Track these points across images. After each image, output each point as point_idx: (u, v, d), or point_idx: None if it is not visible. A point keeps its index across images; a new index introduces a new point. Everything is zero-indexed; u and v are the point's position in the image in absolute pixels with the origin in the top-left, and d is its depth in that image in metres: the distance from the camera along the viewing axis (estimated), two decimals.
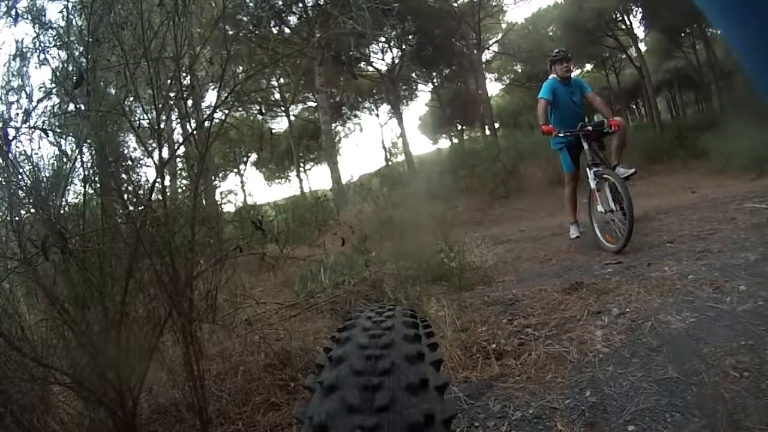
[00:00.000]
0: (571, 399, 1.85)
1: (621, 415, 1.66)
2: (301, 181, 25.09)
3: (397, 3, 2.96)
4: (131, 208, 2.02)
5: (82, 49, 1.98)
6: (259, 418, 2.14)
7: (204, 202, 2.61)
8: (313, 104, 22.20)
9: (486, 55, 24.01)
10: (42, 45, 2.00)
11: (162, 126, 2.02)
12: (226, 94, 2.16)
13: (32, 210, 1.88)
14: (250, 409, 2.19)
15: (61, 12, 2.01)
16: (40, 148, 1.91)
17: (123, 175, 2.07)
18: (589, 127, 4.70)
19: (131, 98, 2.07)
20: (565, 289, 3.16)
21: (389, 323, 0.94)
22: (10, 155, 1.78)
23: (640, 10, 20.37)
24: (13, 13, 1.91)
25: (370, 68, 22.31)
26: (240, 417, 2.15)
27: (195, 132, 2.24)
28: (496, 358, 2.32)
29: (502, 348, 2.42)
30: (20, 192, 1.85)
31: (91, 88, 1.86)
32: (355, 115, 26.67)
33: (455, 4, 20.77)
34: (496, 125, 24.33)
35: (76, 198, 1.98)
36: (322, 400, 0.77)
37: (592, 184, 4.50)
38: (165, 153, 2.05)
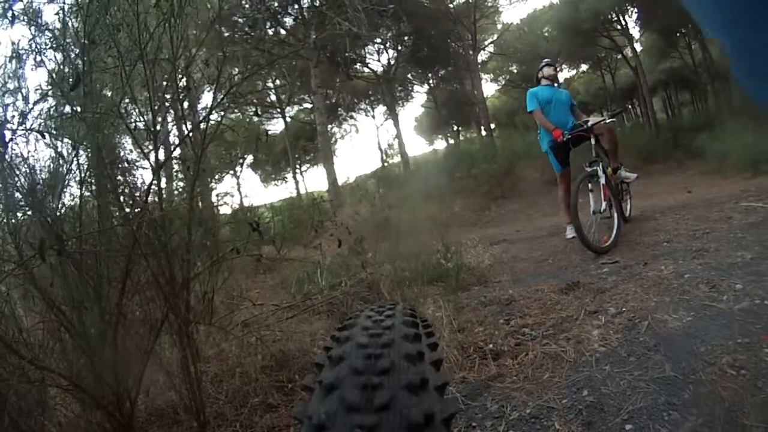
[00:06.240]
0: (568, 398, 1.85)
1: (618, 413, 1.67)
2: (297, 182, 25.06)
3: (393, 4, 2.97)
4: (128, 210, 2.02)
5: (78, 51, 1.98)
6: (257, 419, 2.14)
7: (200, 204, 2.61)
8: (309, 105, 22.22)
9: (481, 56, 24.07)
10: (38, 47, 2.00)
11: (158, 128, 2.02)
12: (222, 96, 2.15)
13: (29, 212, 1.87)
14: (247, 411, 2.19)
15: (57, 14, 2.01)
16: (36, 150, 1.90)
17: (119, 177, 2.07)
18: (589, 123, 4.79)
19: (127, 100, 2.06)
20: (561, 289, 3.17)
21: (389, 322, 0.94)
22: (6, 157, 1.77)
23: (635, 10, 20.44)
24: (9, 14, 1.91)
25: (366, 69, 22.34)
26: (237, 419, 2.14)
27: (191, 134, 2.24)
28: (493, 359, 2.33)
29: (499, 348, 2.42)
30: (17, 194, 1.84)
31: (88, 89, 1.86)
32: (351, 117, 26.72)
33: (451, 5, 20.80)
34: (492, 126, 24.37)
35: (73, 200, 1.98)
36: (321, 399, 0.77)
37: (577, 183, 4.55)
38: (161, 155, 2.04)
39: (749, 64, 0.62)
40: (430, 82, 25.68)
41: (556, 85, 5.53)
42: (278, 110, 22.10)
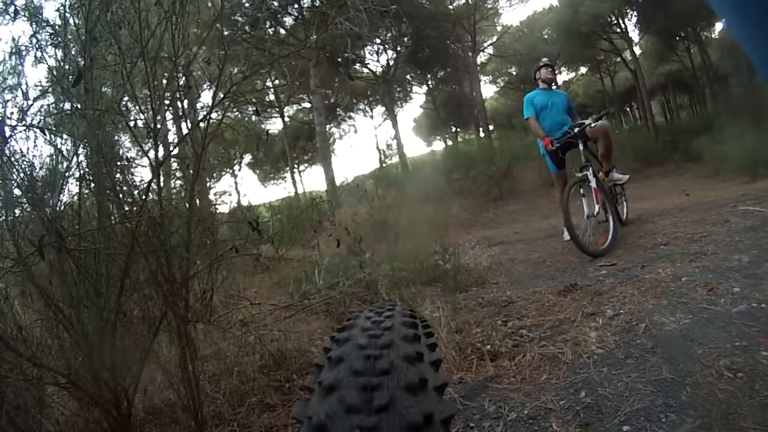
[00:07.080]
0: (565, 400, 1.85)
1: (616, 415, 1.67)
2: (295, 182, 25.04)
3: (394, 5, 2.96)
4: (127, 208, 2.02)
5: (79, 47, 1.97)
6: (254, 419, 2.14)
7: (199, 202, 2.60)
8: (308, 105, 22.23)
9: (481, 58, 24.09)
10: (39, 43, 1.99)
11: (158, 126, 2.02)
12: (222, 95, 2.15)
13: (28, 209, 1.87)
14: (245, 410, 2.19)
15: (57, 10, 2.01)
16: (36, 146, 1.90)
17: (119, 175, 2.06)
18: (576, 129, 4.80)
19: (127, 97, 2.06)
20: (559, 291, 3.17)
21: (388, 323, 0.94)
22: (6, 153, 1.77)
23: (635, 13, 20.49)
24: (11, 10, 1.91)
25: (365, 70, 22.36)
26: (235, 418, 2.14)
27: (191, 132, 2.23)
28: (491, 360, 2.33)
29: (496, 349, 2.42)
30: (16, 191, 1.84)
31: (89, 86, 1.86)
32: (350, 117, 26.73)
33: (450, 7, 20.82)
34: (491, 127, 24.40)
35: (72, 197, 1.97)
36: (321, 400, 0.77)
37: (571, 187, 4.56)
38: (161, 153, 2.04)
39: None
40: (429, 83, 25.70)
41: (554, 86, 5.54)
42: (277, 110, 22.10)
